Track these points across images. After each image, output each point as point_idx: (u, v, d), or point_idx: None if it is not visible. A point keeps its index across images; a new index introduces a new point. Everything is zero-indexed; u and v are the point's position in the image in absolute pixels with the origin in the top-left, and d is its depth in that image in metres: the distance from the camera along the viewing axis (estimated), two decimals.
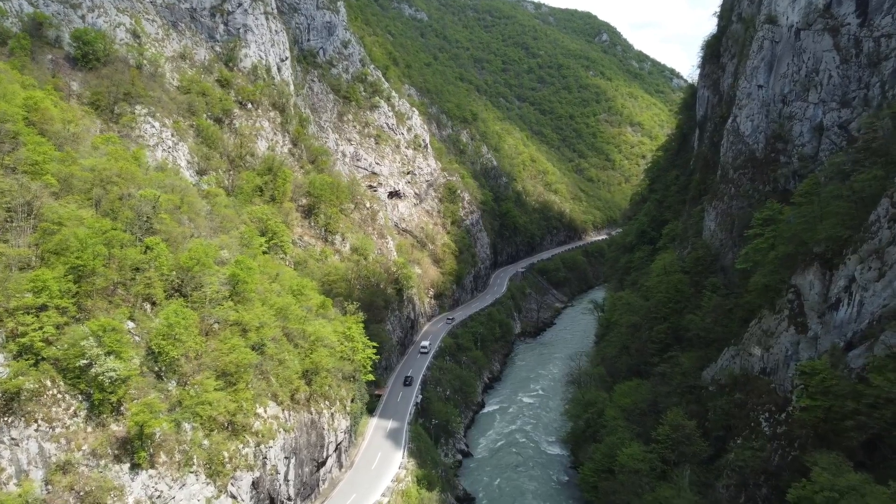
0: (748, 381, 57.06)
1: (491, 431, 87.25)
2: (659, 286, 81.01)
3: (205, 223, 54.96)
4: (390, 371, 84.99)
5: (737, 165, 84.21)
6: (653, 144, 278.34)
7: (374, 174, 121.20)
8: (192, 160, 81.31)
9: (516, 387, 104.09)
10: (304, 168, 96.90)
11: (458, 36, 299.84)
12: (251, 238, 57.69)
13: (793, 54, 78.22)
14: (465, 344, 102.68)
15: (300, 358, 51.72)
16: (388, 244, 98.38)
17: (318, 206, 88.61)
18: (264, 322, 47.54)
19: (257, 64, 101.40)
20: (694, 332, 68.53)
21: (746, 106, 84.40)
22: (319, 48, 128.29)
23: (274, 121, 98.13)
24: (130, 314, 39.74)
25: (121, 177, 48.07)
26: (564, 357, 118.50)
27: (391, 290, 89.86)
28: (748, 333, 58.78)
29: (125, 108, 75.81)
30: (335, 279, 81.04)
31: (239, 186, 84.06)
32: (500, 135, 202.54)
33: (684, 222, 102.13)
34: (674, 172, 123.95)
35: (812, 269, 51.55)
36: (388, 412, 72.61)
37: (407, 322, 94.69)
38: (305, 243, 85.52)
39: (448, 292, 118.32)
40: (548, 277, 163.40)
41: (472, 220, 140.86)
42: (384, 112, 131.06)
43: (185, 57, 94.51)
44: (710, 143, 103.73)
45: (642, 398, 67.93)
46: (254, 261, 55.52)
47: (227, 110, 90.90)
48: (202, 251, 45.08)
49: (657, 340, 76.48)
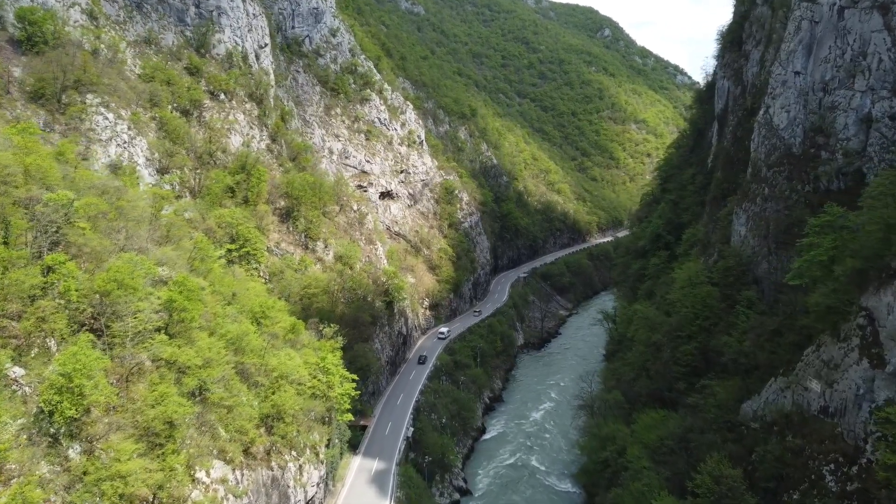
0: (805, 422, 47.25)
1: (493, 462, 77.46)
2: (684, 300, 71.08)
3: (146, 233, 44.98)
4: (378, 396, 75.10)
5: (771, 162, 74.29)
6: (658, 142, 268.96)
7: (365, 173, 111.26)
8: (153, 157, 71.45)
9: (520, 407, 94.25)
10: (284, 166, 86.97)
11: (455, 30, 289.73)
12: (205, 249, 47.67)
13: (835, 36, 68.38)
14: (464, 360, 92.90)
15: (259, 400, 41.83)
16: (378, 251, 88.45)
17: (297, 209, 78.71)
18: (210, 359, 37.60)
19: (232, 51, 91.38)
20: (729, 357, 58.67)
21: (781, 95, 74.42)
22: (305, 36, 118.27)
23: (250, 113, 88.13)
24: (16, 357, 29.81)
25: (29, 175, 38.14)
26: (572, 373, 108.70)
27: (380, 302, 79.94)
28: (803, 363, 48.97)
29: (74, 98, 66.01)
30: (315, 292, 71.23)
31: (207, 187, 74.14)
32: (500, 132, 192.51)
33: (705, 225, 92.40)
34: (690, 171, 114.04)
35: (890, 288, 41.90)
36: (374, 448, 62.68)
37: (398, 338, 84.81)
38: (282, 251, 75.59)
39: (445, 302, 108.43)
40: (551, 283, 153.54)
41: (470, 222, 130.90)
42: (376, 106, 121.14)
43: (151, 42, 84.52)
44: (734, 138, 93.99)
45: (670, 433, 58.14)
46: (206, 278, 45.57)
47: (196, 101, 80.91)
48: (126, 270, 35.12)
49: (683, 363, 66.60)
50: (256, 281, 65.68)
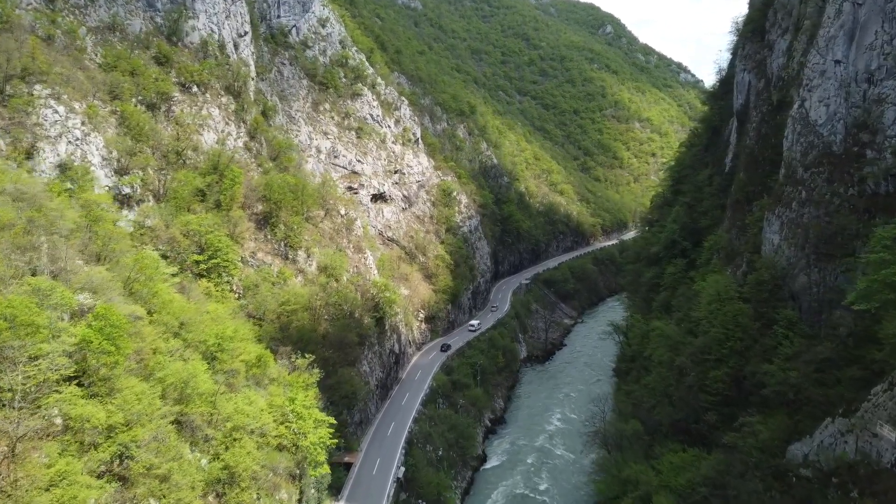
0: (875, 476, 39.12)
1: (495, 494, 69.27)
2: (711, 318, 62.85)
3: (72, 250, 36.58)
4: (366, 425, 66.73)
5: (808, 163, 65.98)
6: (662, 141, 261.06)
7: (355, 173, 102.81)
8: (110, 156, 62.95)
9: (524, 430, 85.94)
10: (264, 166, 78.53)
11: (454, 26, 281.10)
12: (149, 267, 39.24)
13: (882, 19, 60.08)
14: (463, 380, 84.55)
15: (209, 459, 33.46)
16: (368, 260, 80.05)
17: (276, 215, 70.34)
18: (140, 413, 29.30)
19: (208, 39, 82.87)
20: (772, 389, 50.48)
21: (819, 87, 66.09)
22: (292, 26, 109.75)
23: (226, 108, 79.64)
24: None
25: None
26: (579, 389, 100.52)
27: (369, 319, 71.54)
28: (870, 404, 40.84)
29: (20, 89, 57.58)
30: (295, 309, 62.88)
31: (173, 189, 65.67)
32: (500, 130, 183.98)
33: (728, 231, 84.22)
34: (706, 171, 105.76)
35: None
36: (359, 492, 54.25)
37: (390, 357, 76.43)
38: (259, 262, 67.19)
39: (442, 314, 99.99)
40: (555, 290, 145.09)
41: (470, 226, 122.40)
42: (368, 101, 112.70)
43: (115, 28, 75.87)
44: (758, 136, 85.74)
45: (703, 478, 49.98)
46: (148, 303, 37.20)
47: (164, 94, 72.36)
48: (23, 304, 26.79)
49: (712, 391, 58.37)
50: (221, 301, 57.35)
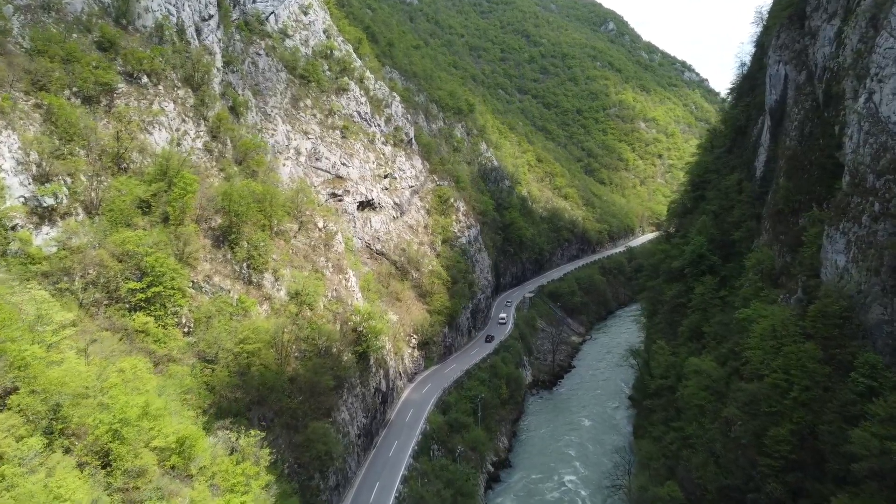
0: None
1: None
2: (767, 359, 51.22)
3: None
4: (344, 489, 54.65)
5: (880, 168, 54.10)
6: (669, 142, 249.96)
7: (340, 178, 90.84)
8: (28, 159, 50.89)
9: (532, 476, 74.08)
10: (227, 171, 66.54)
11: (451, 22, 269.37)
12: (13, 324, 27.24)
13: None
14: (461, 419, 72.63)
15: None
16: (350, 281, 68.14)
17: (237, 230, 58.34)
18: None
19: (163, 22, 70.77)
20: (867, 465, 38.96)
21: (892, 76, 54.39)
22: (270, 12, 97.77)
23: (184, 102, 67.58)
24: None
25: None
26: (592, 424, 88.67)
27: (349, 355, 59.59)
28: None
29: None
30: (256, 347, 50.92)
31: (110, 200, 53.59)
32: (500, 130, 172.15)
33: (769, 246, 72.68)
34: (733, 176, 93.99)
35: None
36: None
37: (375, 398, 64.45)
38: (215, 287, 55.13)
39: (437, 337, 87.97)
40: (561, 303, 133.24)
41: (469, 236, 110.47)
42: (355, 97, 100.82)
43: (51, 8, 63.64)
44: (801, 136, 74.19)
45: None
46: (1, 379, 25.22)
47: (105, 85, 60.06)
48: None
49: (775, 454, 46.89)
50: (164, 341, 45.56)
